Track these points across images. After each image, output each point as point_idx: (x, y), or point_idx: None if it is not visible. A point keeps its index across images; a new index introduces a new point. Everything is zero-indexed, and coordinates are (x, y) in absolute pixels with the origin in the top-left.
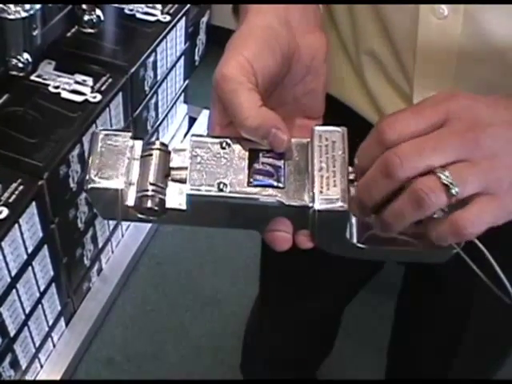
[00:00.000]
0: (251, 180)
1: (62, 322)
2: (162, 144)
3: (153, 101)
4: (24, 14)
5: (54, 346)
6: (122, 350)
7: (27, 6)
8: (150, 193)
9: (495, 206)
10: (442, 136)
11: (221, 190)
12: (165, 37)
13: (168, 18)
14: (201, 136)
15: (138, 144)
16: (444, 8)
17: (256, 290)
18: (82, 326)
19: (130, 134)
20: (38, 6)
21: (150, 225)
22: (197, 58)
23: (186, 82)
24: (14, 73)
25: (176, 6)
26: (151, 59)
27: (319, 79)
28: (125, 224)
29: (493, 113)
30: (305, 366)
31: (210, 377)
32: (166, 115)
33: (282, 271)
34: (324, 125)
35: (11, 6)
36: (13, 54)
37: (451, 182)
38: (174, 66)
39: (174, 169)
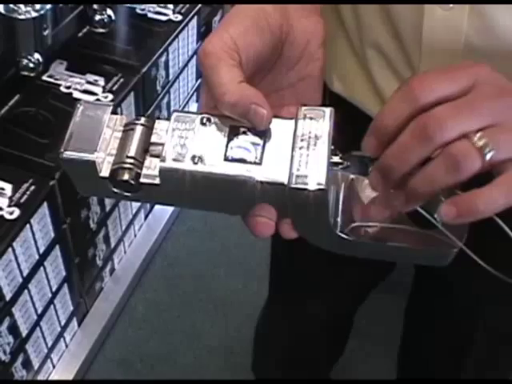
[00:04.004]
0: (227, 156)
1: (75, 322)
2: (146, 120)
3: (165, 100)
4: (34, 14)
5: (67, 346)
6: (134, 351)
7: (38, 6)
8: (126, 165)
9: None
10: (476, 100)
11: (195, 164)
12: (177, 36)
13: (180, 17)
14: (183, 111)
15: (121, 118)
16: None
17: None
18: (94, 326)
19: (110, 107)
20: (48, 6)
21: (162, 225)
22: None
23: (199, 81)
24: (26, 73)
25: (188, 5)
26: (163, 59)
27: (314, 64)
28: (137, 224)
29: None
30: (317, 366)
31: (223, 378)
32: None
33: (291, 271)
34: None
35: (22, 6)
36: (24, 54)
37: (486, 145)
38: (186, 65)
39: (153, 144)
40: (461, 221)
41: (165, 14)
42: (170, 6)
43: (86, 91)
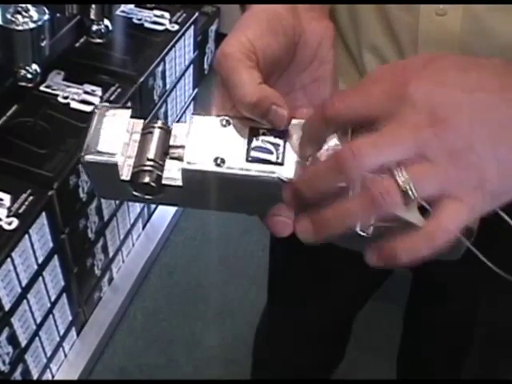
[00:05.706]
0: (249, 156)
1: (74, 332)
2: (164, 123)
3: (162, 110)
4: (32, 25)
5: (66, 355)
6: (133, 360)
7: (35, 17)
8: (147, 168)
9: (465, 210)
10: (399, 130)
11: (218, 165)
12: (173, 46)
13: (176, 27)
14: (201, 114)
15: (138, 122)
16: (444, 5)
17: None
18: (93, 335)
19: (129, 110)
20: (46, 17)
21: (160, 234)
22: (206, 66)
23: (196, 90)
24: (23, 84)
25: (184, 15)
26: (160, 68)
27: (326, 66)
28: (135, 233)
29: (460, 96)
30: (315, 374)
31: None
32: None
33: (290, 278)
34: None
35: (19, 17)
36: (21, 65)
37: (408, 185)
38: (183, 74)
39: (172, 147)
40: (383, 266)
41: (161, 24)
42: (167, 15)
43: (83, 101)
